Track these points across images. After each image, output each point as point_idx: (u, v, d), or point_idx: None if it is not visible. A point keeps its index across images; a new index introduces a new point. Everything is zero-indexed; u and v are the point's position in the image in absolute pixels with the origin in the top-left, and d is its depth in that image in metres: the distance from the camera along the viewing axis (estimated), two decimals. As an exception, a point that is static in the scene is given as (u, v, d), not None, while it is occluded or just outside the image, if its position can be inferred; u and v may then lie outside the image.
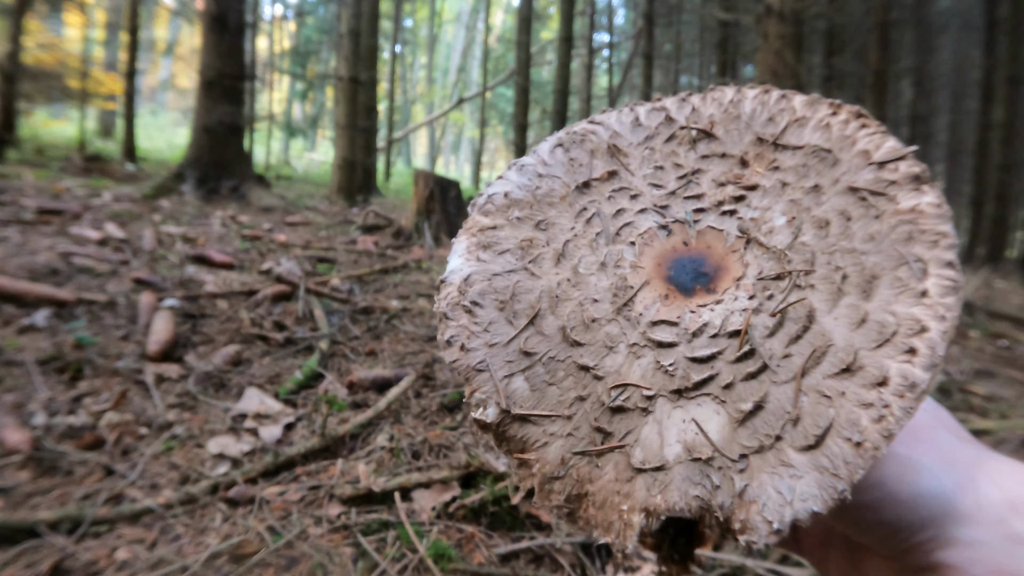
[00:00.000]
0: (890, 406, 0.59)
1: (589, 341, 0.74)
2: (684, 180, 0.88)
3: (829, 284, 0.69)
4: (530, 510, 3.06)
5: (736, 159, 0.87)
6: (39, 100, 20.50)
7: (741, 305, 0.72)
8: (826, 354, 0.64)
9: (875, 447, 0.58)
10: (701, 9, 27.31)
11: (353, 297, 6.39)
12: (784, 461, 0.60)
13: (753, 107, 0.90)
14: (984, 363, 6.94)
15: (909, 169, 0.73)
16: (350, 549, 2.79)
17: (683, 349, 0.71)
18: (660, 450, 0.64)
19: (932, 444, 0.68)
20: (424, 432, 3.79)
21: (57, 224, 7.64)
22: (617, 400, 0.68)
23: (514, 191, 0.90)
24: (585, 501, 0.66)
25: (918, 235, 0.68)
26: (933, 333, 0.62)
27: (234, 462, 3.43)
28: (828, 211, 0.75)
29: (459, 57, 56.52)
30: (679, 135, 0.92)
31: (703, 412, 0.66)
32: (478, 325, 0.77)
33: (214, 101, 13.10)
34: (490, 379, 0.73)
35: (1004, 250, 20.63)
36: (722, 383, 0.67)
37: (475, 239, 0.86)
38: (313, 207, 14.37)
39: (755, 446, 0.62)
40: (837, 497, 0.57)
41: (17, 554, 2.58)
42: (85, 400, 3.81)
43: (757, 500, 0.59)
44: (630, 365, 0.71)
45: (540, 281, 0.81)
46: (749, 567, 2.78)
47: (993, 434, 4.70)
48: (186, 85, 46.97)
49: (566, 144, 0.95)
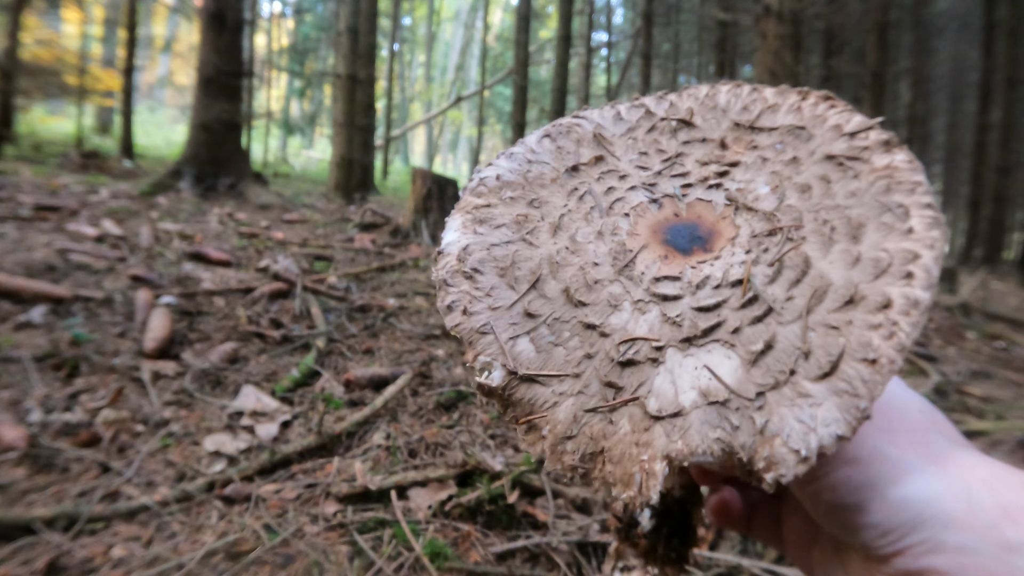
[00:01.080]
0: (898, 323, 0.61)
1: (593, 301, 0.74)
2: (668, 162, 0.91)
3: (820, 236, 0.72)
4: (526, 509, 3.06)
5: (716, 142, 0.91)
6: (37, 96, 20.43)
7: (739, 259, 0.74)
8: (827, 292, 0.67)
9: (890, 361, 0.59)
10: (700, 9, 27.33)
11: (350, 295, 6.39)
12: (801, 392, 0.61)
13: (728, 99, 0.95)
14: (981, 364, 6.96)
15: (879, 136, 0.78)
16: (346, 547, 2.79)
17: (688, 300, 0.72)
18: (675, 398, 0.65)
19: (924, 446, 0.67)
20: (420, 430, 3.79)
21: (54, 221, 7.63)
22: (626, 354, 0.68)
23: (505, 174, 0.92)
24: (600, 458, 0.65)
25: (895, 186, 0.72)
26: (926, 259, 0.65)
27: (230, 460, 3.42)
28: (808, 177, 0.80)
29: (457, 55, 56.47)
30: (659, 126, 0.96)
31: (714, 358, 0.66)
32: (479, 290, 0.76)
33: (212, 98, 13.08)
34: (494, 341, 0.72)
35: (1001, 251, 20.69)
36: (730, 328, 0.68)
37: (470, 215, 0.86)
38: (311, 205, 14.36)
39: (770, 383, 0.62)
40: (860, 416, 0.58)
41: (13, 551, 2.57)
42: (81, 397, 3.80)
43: (780, 433, 0.59)
44: (636, 321, 0.72)
45: (539, 250, 0.81)
46: (745, 567, 2.78)
47: (989, 435, 4.71)
48: (184, 82, 46.87)
49: (553, 135, 0.98)
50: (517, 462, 3.38)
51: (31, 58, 18.98)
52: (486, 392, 0.70)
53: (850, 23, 21.34)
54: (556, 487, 3.22)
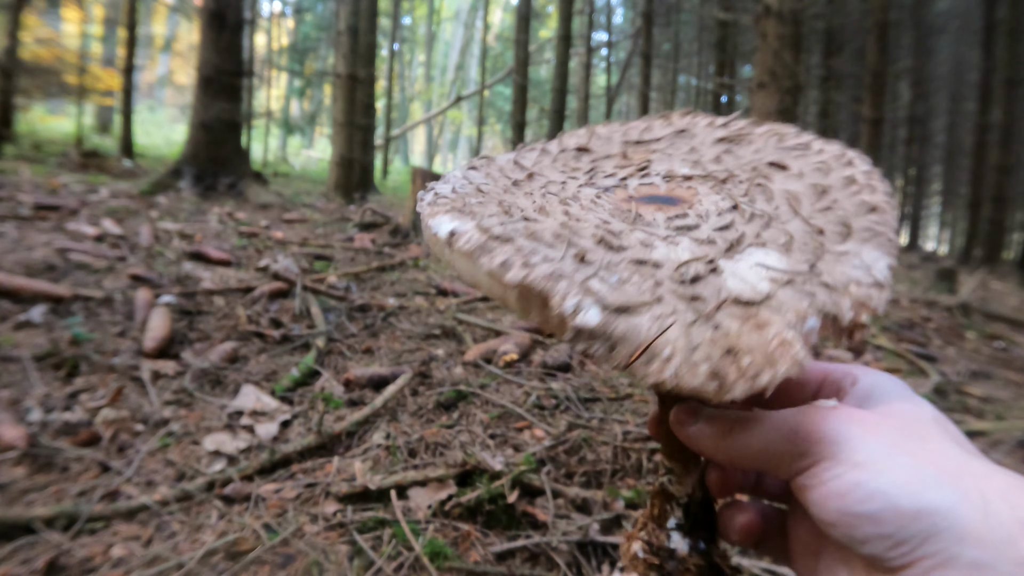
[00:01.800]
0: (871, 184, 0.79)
1: (628, 244, 0.74)
2: (591, 172, 0.98)
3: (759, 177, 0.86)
4: (526, 509, 3.06)
5: (618, 155, 1.00)
6: (36, 96, 20.43)
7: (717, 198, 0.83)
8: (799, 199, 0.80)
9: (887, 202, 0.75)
10: (700, 9, 27.32)
11: (350, 295, 6.39)
12: (841, 252, 0.70)
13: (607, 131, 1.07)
14: (981, 364, 6.96)
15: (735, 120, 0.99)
16: (346, 547, 2.79)
17: (706, 227, 0.78)
18: (756, 288, 0.67)
19: (939, 454, 0.64)
20: (420, 430, 3.79)
21: (54, 220, 7.63)
22: (689, 274, 0.69)
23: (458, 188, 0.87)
24: (730, 358, 0.61)
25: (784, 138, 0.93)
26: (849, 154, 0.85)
27: (230, 459, 3.42)
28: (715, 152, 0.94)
29: (457, 55, 56.46)
30: (560, 157, 1.04)
31: (758, 255, 0.72)
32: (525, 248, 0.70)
33: (212, 98, 13.07)
34: (573, 283, 0.66)
35: (1001, 252, 20.70)
36: (753, 235, 0.75)
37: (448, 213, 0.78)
38: (310, 204, 14.35)
39: (811, 257, 0.70)
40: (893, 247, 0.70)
41: (12, 551, 2.57)
42: (81, 396, 3.80)
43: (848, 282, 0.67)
44: (675, 250, 0.74)
45: (545, 223, 0.77)
46: (745, 567, 2.78)
47: (989, 435, 4.71)
48: (184, 81, 46.89)
49: (477, 166, 1.00)
50: (517, 462, 3.38)
51: (31, 57, 18.98)
52: (586, 336, 0.64)
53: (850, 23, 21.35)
54: (556, 487, 3.23)
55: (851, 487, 0.63)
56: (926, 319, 8.93)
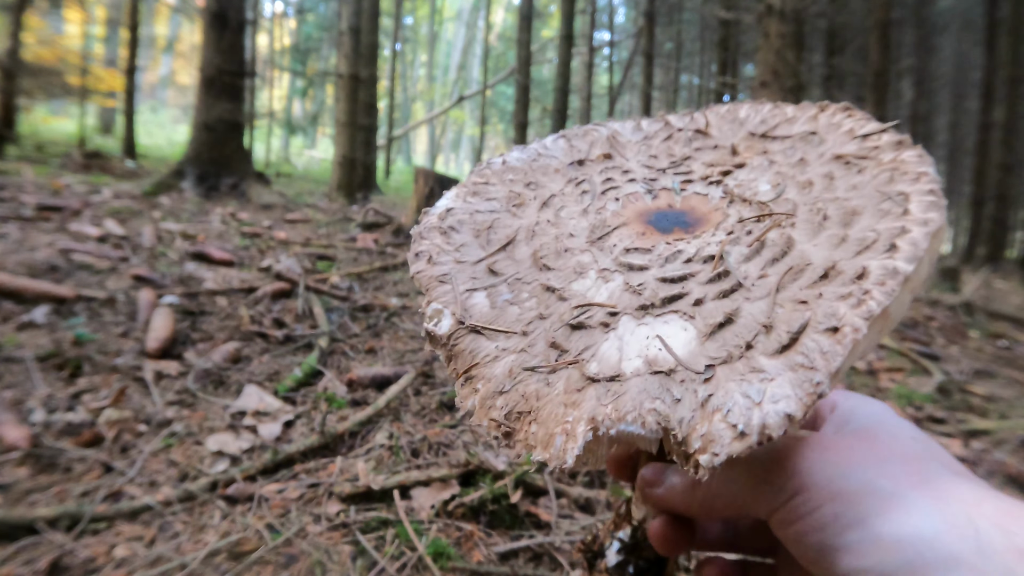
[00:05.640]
0: (870, 291, 0.56)
1: (559, 267, 0.73)
2: (676, 163, 0.91)
3: (810, 223, 0.68)
4: (529, 509, 3.06)
5: (728, 148, 0.89)
6: (39, 96, 20.46)
7: (718, 239, 0.71)
8: (804, 271, 0.62)
9: (855, 329, 0.53)
10: (702, 8, 27.28)
11: (353, 295, 6.39)
12: (755, 368, 0.56)
13: (748, 113, 0.95)
14: (984, 363, 6.94)
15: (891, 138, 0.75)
16: (349, 547, 2.79)
17: (654, 272, 0.69)
18: (618, 363, 0.61)
19: (922, 478, 0.59)
20: (423, 430, 3.78)
21: (57, 221, 7.63)
22: (578, 318, 0.66)
23: (512, 161, 0.94)
24: (527, 418, 0.61)
25: (899, 176, 0.68)
26: (915, 234, 0.59)
27: (233, 459, 3.42)
28: (812, 175, 0.76)
29: (459, 55, 56.48)
30: (676, 136, 0.96)
31: (669, 328, 0.62)
32: (450, 244, 0.77)
33: (214, 98, 13.08)
34: (451, 291, 0.71)
35: (1004, 250, 20.65)
36: (692, 300, 0.64)
37: (466, 189, 0.89)
38: (313, 204, 14.36)
39: (723, 356, 0.58)
40: (814, 392, 0.52)
41: (15, 551, 2.57)
42: (84, 397, 3.80)
43: (721, 408, 0.54)
44: (597, 288, 0.69)
45: (520, 220, 0.82)
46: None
47: (993, 434, 4.70)
48: (186, 82, 46.90)
49: (569, 136, 1.00)
50: (520, 462, 3.38)
51: (33, 58, 19.00)
52: (432, 340, 0.69)
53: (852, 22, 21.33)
54: (559, 487, 3.22)
55: (829, 520, 0.58)
56: (929, 318, 8.91)
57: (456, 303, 0.69)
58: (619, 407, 0.56)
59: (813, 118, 0.85)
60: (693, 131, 0.95)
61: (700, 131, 0.94)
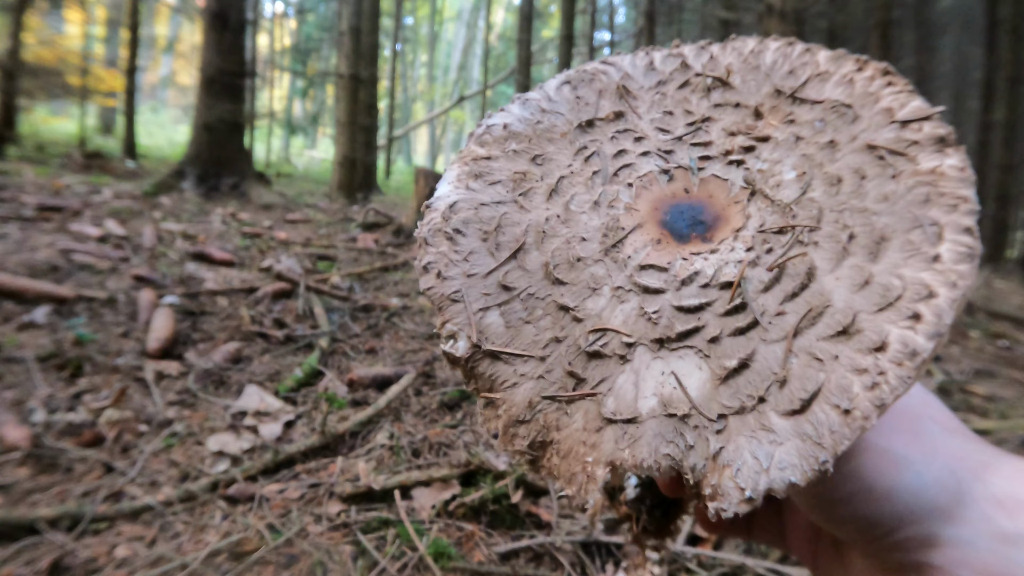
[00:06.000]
0: (886, 373, 0.54)
1: (572, 280, 0.70)
2: (693, 127, 0.83)
3: (834, 243, 0.65)
4: (530, 508, 3.06)
5: (751, 110, 0.82)
6: (39, 97, 20.47)
7: (737, 256, 0.68)
8: (823, 315, 0.60)
9: (864, 417, 0.53)
10: (702, 8, 27.30)
11: (353, 295, 6.39)
12: (765, 425, 0.56)
13: (774, 59, 0.85)
14: (984, 363, 6.94)
15: (934, 130, 0.68)
16: (350, 547, 2.79)
17: (670, 297, 0.67)
18: (634, 402, 0.61)
19: (914, 434, 0.64)
20: (424, 430, 3.78)
21: (57, 221, 7.64)
22: (594, 345, 0.65)
23: (514, 123, 0.87)
24: (549, 449, 0.63)
25: (936, 198, 0.63)
26: (941, 300, 0.57)
27: (234, 460, 3.42)
28: (842, 168, 0.70)
29: (460, 55, 56.48)
30: (693, 82, 0.88)
31: (684, 365, 0.62)
32: (458, 253, 0.73)
33: (215, 98, 13.08)
34: (464, 311, 0.69)
35: (1005, 250, 20.61)
36: (708, 336, 0.63)
37: (467, 168, 0.82)
38: (313, 205, 14.36)
39: (736, 407, 0.58)
40: (818, 469, 0.53)
41: (16, 551, 2.57)
42: (85, 397, 3.80)
43: (731, 464, 0.55)
44: (612, 309, 0.68)
45: (528, 215, 0.78)
46: (749, 566, 2.77)
47: (993, 434, 4.70)
48: (187, 82, 46.91)
49: (574, 82, 0.91)
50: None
51: (34, 58, 19.01)
52: (450, 360, 0.69)
53: (853, 21, 21.33)
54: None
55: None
56: (930, 318, 8.88)
57: (471, 325, 0.68)
58: (636, 453, 0.58)
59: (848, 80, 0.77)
60: (713, 78, 0.86)
61: (720, 80, 0.86)
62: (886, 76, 0.75)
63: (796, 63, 0.82)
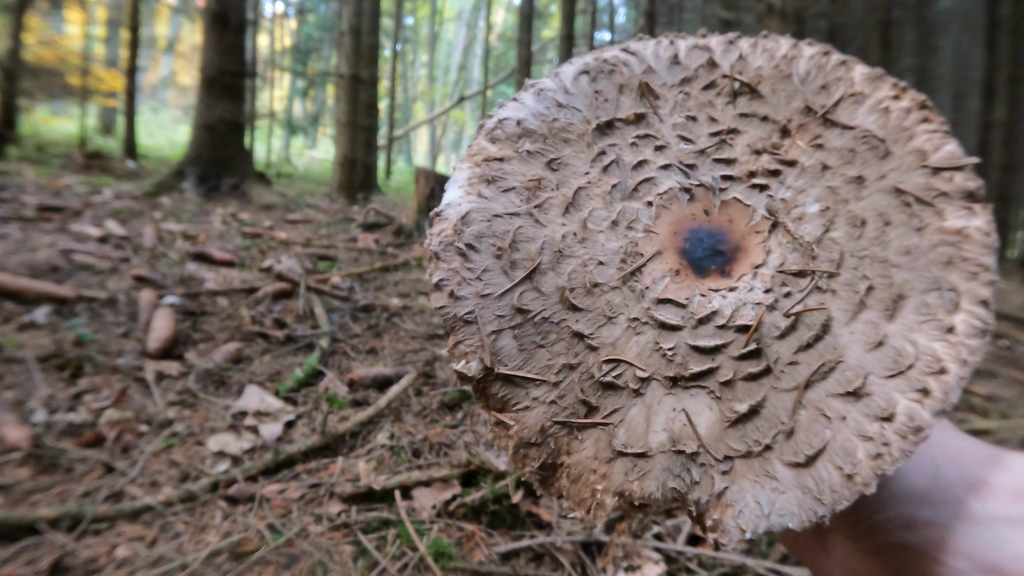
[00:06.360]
0: (890, 445, 0.57)
1: (588, 307, 0.69)
2: (717, 139, 0.79)
3: (852, 293, 0.64)
4: (530, 508, 3.06)
5: (778, 126, 0.78)
6: (40, 97, 20.49)
7: (755, 298, 0.67)
8: (834, 370, 0.61)
9: (865, 484, 0.56)
10: (702, 8, 27.30)
11: (354, 295, 6.39)
12: (769, 472, 0.58)
13: (808, 68, 0.80)
14: (985, 363, 6.93)
15: (964, 183, 0.66)
16: (350, 547, 2.79)
17: (686, 335, 0.66)
18: (645, 435, 0.62)
19: None
20: (425, 430, 3.78)
21: (58, 221, 7.64)
22: (608, 375, 0.65)
23: (528, 119, 0.80)
24: (560, 471, 0.64)
25: (959, 261, 0.63)
26: (951, 377, 0.58)
27: (234, 460, 3.42)
28: (867, 209, 0.68)
29: (460, 55, 56.50)
30: (720, 84, 0.82)
31: (695, 404, 0.63)
32: (471, 271, 0.70)
33: (215, 98, 13.09)
34: (477, 332, 0.68)
35: (1005, 250, 20.64)
36: (721, 379, 0.63)
37: (479, 170, 0.77)
38: (314, 205, 14.37)
39: (743, 450, 0.60)
40: (816, 521, 0.56)
41: (17, 551, 2.57)
42: (85, 397, 3.80)
43: (734, 505, 0.58)
44: (627, 340, 0.67)
45: (544, 230, 0.74)
46: (750, 566, 2.77)
47: (994, 434, 4.70)
48: (187, 82, 46.92)
49: (593, 72, 0.84)
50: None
51: (34, 59, 19.03)
52: (462, 379, 0.68)
53: (853, 21, 21.32)
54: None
55: None
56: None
57: (483, 347, 0.67)
58: (644, 486, 0.60)
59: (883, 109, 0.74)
60: (740, 84, 0.81)
61: (749, 86, 0.81)
62: (923, 110, 0.72)
63: (830, 77, 0.78)
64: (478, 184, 0.75)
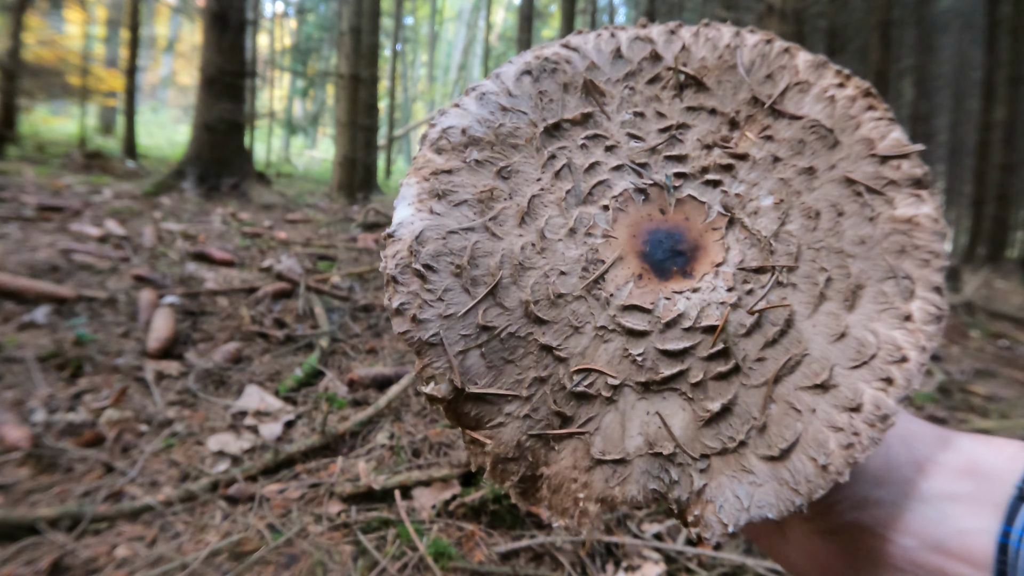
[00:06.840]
0: (860, 434, 0.59)
1: (554, 319, 0.68)
2: (667, 135, 0.78)
3: (812, 285, 0.66)
4: (531, 508, 3.06)
5: (727, 118, 0.78)
6: (40, 97, 20.50)
7: (719, 297, 0.67)
8: (801, 363, 0.63)
9: (838, 472, 0.58)
10: (702, 8, 27.29)
11: (354, 295, 6.39)
12: (745, 467, 0.60)
13: (752, 58, 0.80)
14: (985, 363, 6.94)
15: (911, 170, 0.69)
16: (350, 547, 2.79)
17: (654, 339, 0.66)
18: (621, 441, 0.63)
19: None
20: (424, 430, 3.78)
21: (57, 221, 7.64)
22: (580, 385, 0.65)
23: (473, 126, 0.77)
24: (540, 482, 0.65)
25: (911, 250, 0.65)
26: (912, 364, 0.61)
27: (234, 460, 3.42)
28: (819, 200, 0.70)
29: (460, 55, 56.50)
30: (665, 76, 0.81)
31: (668, 406, 0.64)
32: (431, 293, 0.68)
33: (215, 98, 13.08)
34: (444, 354, 0.67)
35: (1004, 250, 20.63)
36: (692, 380, 0.64)
37: (428, 184, 0.73)
38: (314, 204, 14.37)
39: (718, 448, 0.62)
40: (793, 510, 0.58)
41: (17, 551, 2.57)
42: (85, 397, 3.80)
43: (714, 501, 0.60)
44: (596, 349, 0.67)
45: (502, 243, 0.71)
46: (749, 566, 2.77)
47: (993, 434, 4.70)
48: (187, 82, 46.89)
49: (535, 72, 0.81)
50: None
51: (34, 58, 19.03)
52: (431, 400, 0.67)
53: (853, 21, 21.31)
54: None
55: None
56: (930, 318, 8.88)
57: (452, 368, 0.66)
58: (625, 491, 0.62)
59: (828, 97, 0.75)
60: (686, 76, 0.81)
61: (694, 78, 0.80)
62: (868, 98, 0.74)
63: (775, 66, 0.79)
64: (428, 200, 0.73)
